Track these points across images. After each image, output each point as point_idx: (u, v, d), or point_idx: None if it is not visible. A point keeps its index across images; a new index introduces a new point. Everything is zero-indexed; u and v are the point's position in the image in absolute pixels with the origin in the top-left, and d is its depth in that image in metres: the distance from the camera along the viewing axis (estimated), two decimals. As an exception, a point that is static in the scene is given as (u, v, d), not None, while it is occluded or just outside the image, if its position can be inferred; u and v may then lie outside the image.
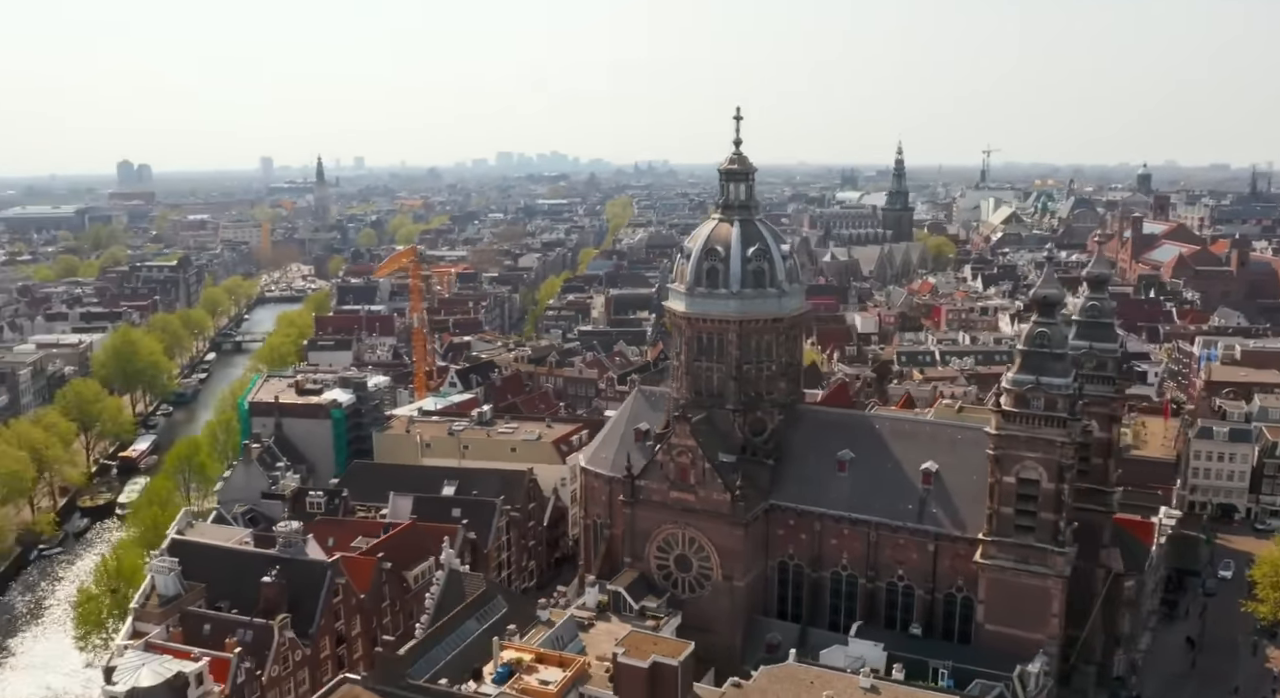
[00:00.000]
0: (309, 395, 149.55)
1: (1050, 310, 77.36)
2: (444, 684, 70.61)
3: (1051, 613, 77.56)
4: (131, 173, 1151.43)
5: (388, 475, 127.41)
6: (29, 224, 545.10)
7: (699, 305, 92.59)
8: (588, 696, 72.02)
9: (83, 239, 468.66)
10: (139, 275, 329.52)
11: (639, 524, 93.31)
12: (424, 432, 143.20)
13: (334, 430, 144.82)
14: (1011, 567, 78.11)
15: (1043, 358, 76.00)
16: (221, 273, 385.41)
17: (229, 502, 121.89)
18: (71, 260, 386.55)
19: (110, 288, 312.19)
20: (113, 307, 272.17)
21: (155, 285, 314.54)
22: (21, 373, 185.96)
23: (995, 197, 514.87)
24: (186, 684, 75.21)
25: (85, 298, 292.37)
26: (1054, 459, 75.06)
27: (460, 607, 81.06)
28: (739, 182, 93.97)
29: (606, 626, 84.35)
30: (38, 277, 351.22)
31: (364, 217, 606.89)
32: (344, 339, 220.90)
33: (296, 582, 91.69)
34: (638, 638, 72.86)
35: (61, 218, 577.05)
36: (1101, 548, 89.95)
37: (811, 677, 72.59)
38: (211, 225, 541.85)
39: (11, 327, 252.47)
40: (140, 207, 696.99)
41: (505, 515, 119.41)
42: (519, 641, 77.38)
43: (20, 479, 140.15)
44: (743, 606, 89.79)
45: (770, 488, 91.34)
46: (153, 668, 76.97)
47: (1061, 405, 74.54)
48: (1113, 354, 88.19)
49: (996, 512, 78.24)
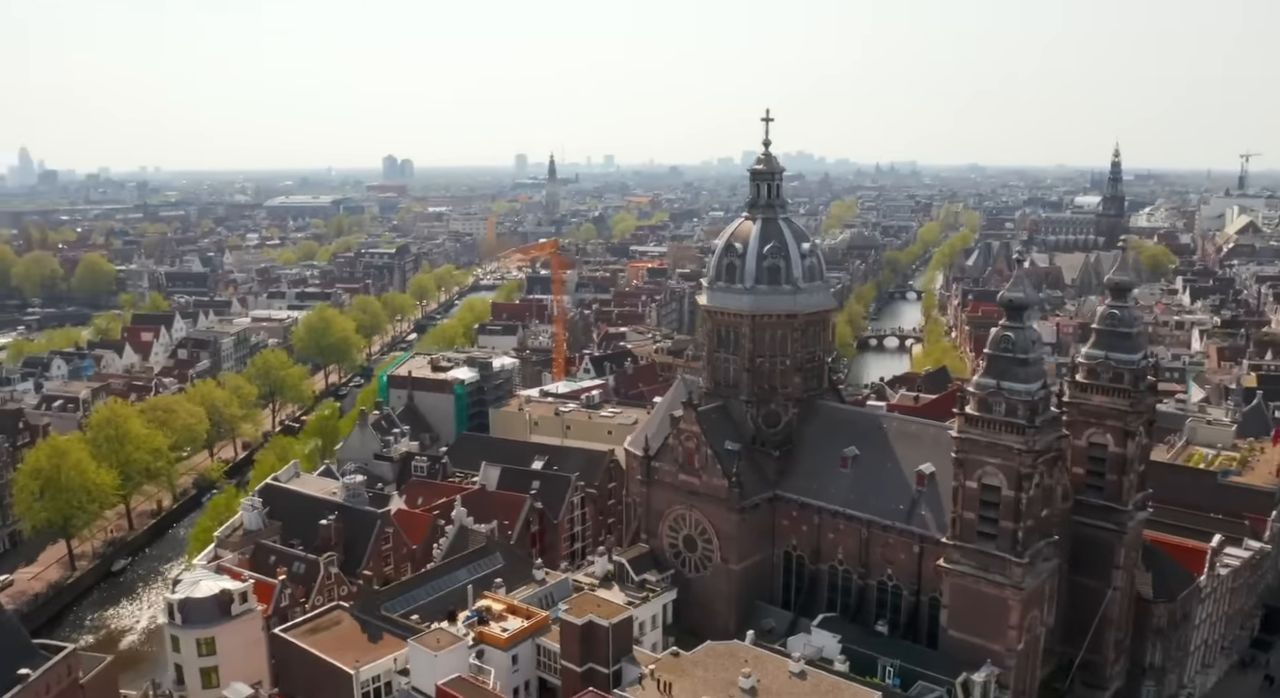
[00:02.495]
0: (440, 372, 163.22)
1: (1018, 314, 75.72)
2: (415, 620, 79.17)
3: (1009, 624, 75.82)
4: (395, 167, 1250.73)
5: (488, 447, 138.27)
6: (289, 212, 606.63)
7: (718, 299, 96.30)
8: (543, 646, 78.50)
9: (328, 227, 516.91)
10: (361, 261, 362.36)
11: (654, 503, 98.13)
12: (534, 411, 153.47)
13: (456, 404, 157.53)
14: (972, 573, 77.12)
15: (1007, 362, 74.66)
16: (440, 261, 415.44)
17: (345, 460, 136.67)
18: (311, 246, 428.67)
19: (334, 271, 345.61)
20: (328, 287, 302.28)
21: (373, 270, 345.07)
22: (224, 342, 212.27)
23: (1241, 204, 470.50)
24: (231, 600, 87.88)
25: (310, 279, 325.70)
26: (1013, 466, 73.71)
27: (454, 557, 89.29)
28: (765, 181, 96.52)
29: (605, 592, 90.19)
30: (280, 259, 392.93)
31: (588, 212, 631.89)
32: (511, 325, 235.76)
33: (351, 527, 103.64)
34: (585, 599, 78.55)
35: (319, 207, 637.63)
36: (1114, 569, 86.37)
37: (750, 656, 75.20)
38: (447, 217, 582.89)
39: (242, 302, 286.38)
40: (391, 198, 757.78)
41: (580, 491, 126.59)
42: (503, 594, 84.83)
43: (194, 432, 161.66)
44: (739, 589, 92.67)
45: (777, 479, 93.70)
46: (207, 584, 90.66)
47: (1022, 412, 73.17)
48: (1130, 366, 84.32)
49: (960, 516, 77.54)
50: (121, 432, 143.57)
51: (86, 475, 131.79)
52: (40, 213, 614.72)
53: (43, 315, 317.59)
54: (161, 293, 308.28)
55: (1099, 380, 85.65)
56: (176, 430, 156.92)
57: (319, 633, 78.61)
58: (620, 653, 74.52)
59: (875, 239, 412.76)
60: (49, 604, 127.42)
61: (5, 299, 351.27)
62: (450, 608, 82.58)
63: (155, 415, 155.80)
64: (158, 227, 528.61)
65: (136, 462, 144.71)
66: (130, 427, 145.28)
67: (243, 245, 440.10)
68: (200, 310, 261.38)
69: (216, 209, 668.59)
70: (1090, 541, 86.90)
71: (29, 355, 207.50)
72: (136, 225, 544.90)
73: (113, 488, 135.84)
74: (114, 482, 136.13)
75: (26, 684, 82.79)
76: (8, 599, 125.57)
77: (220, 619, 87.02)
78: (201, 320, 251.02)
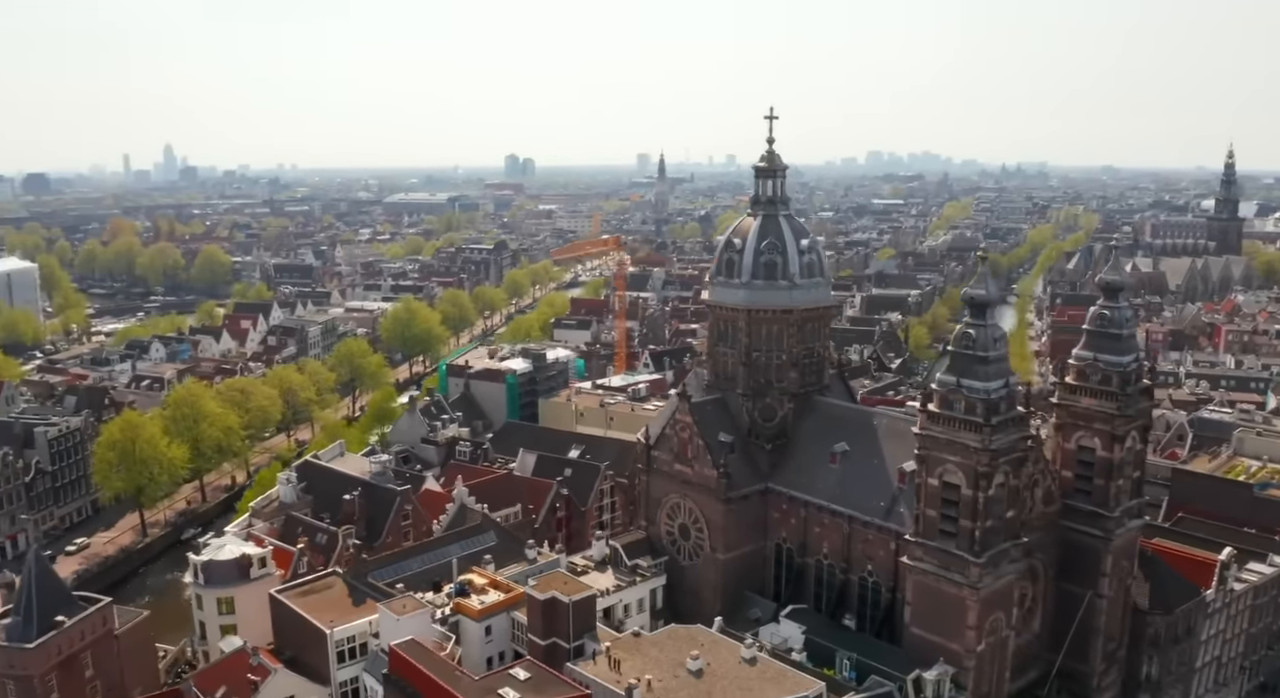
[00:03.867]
0: (495, 363, 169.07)
1: (981, 312, 75.42)
2: (400, 588, 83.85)
3: (967, 624, 75.44)
4: (517, 166, 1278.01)
5: (530, 435, 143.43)
6: (405, 208, 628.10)
7: (717, 294, 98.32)
8: (517, 620, 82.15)
9: (439, 223, 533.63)
10: (461, 256, 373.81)
11: (652, 491, 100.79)
12: (581, 402, 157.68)
13: (507, 394, 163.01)
14: (933, 572, 77.00)
15: (967, 360, 74.40)
16: (540, 257, 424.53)
17: (394, 443, 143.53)
18: (418, 241, 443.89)
19: (434, 265, 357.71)
20: (424, 281, 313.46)
21: (470, 265, 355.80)
22: (311, 330, 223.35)
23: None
24: (250, 564, 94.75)
25: (409, 273, 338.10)
26: (971, 465, 73.64)
27: (449, 532, 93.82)
28: (768, 178, 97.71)
29: (596, 574, 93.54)
30: (388, 253, 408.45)
31: (694, 211, 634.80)
32: (586, 320, 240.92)
33: (374, 503, 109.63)
34: (554, 576, 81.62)
35: (435, 204, 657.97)
36: (1102, 576, 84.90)
37: (709, 640, 77.22)
38: (556, 215, 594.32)
39: (341, 294, 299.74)
40: (507, 196, 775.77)
41: (610, 480, 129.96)
42: (491, 570, 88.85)
43: (268, 413, 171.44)
44: (727, 578, 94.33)
45: (770, 472, 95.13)
46: (230, 548, 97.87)
47: (980, 410, 73.00)
48: (1119, 368, 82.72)
49: (923, 513, 77.76)
50: (196, 410, 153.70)
51: (158, 449, 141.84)
52: (175, 207, 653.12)
53: (162, 303, 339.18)
54: (268, 284, 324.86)
55: (1088, 383, 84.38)
56: (250, 411, 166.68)
57: (311, 595, 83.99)
58: (582, 630, 77.38)
59: (978, 241, 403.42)
60: (118, 567, 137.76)
61: (130, 287, 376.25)
62: (436, 580, 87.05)
63: (231, 396, 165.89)
64: (280, 221, 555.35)
65: (209, 439, 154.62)
66: (204, 406, 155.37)
67: (354, 240, 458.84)
68: (299, 300, 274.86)
69: (339, 205, 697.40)
70: (1078, 546, 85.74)
71: (132, 339, 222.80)
72: (262, 219, 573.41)
73: (183, 462, 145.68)
74: (184, 456, 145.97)
75: (61, 630, 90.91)
76: (82, 561, 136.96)
77: (239, 581, 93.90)
78: (299, 310, 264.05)
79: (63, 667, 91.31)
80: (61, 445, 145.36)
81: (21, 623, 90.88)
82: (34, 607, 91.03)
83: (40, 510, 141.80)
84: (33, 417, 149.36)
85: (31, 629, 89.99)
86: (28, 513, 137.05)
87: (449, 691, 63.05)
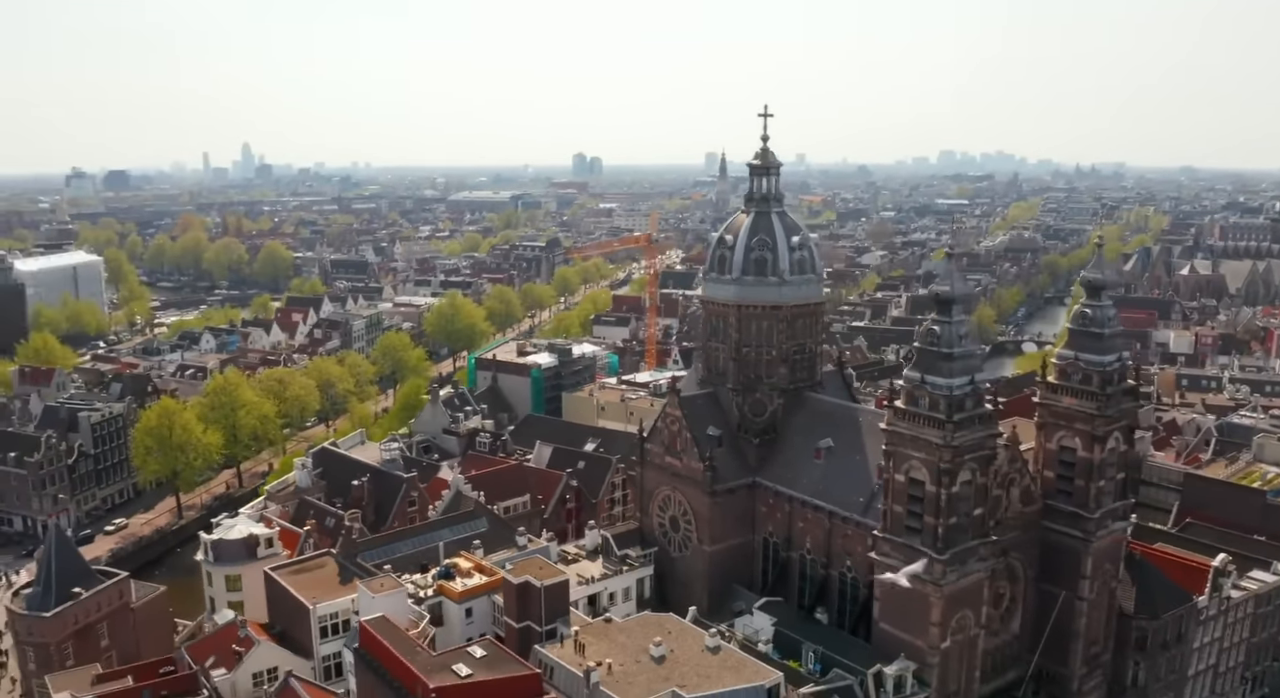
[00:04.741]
0: (523, 357, 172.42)
1: (947, 309, 75.68)
2: (388, 570, 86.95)
3: (931, 621, 75.82)
4: (584, 165, 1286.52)
5: (548, 428, 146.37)
6: (469, 206, 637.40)
7: (709, 289, 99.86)
8: (497, 603, 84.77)
9: (498, 220, 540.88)
10: (514, 253, 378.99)
11: (646, 483, 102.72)
12: (602, 397, 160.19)
13: (532, 387, 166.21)
14: (899, 567, 77.95)
15: (932, 357, 74.73)
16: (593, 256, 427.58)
17: (417, 432, 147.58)
18: (476, 238, 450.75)
19: (487, 262, 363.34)
20: (475, 277, 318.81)
21: (522, 262, 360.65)
22: (355, 324, 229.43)
23: None
24: (257, 544, 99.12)
25: (461, 269, 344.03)
26: (934, 461, 74.07)
27: (439, 518, 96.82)
28: (762, 176, 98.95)
29: (587, 563, 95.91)
30: (446, 250, 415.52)
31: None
32: (625, 317, 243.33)
33: (382, 489, 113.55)
34: (531, 562, 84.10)
35: (498, 202, 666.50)
36: (1082, 578, 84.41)
37: (676, 627, 79.01)
38: (615, 213, 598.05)
39: (394, 289, 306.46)
40: (570, 194, 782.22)
41: (622, 473, 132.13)
42: (480, 555, 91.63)
43: (304, 403, 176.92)
44: (713, 570, 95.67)
45: (758, 466, 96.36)
46: (240, 529, 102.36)
47: (942, 406, 73.44)
48: (1099, 368, 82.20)
49: (890, 509, 78.37)
50: (233, 398, 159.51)
51: (194, 435, 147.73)
52: (247, 203, 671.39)
53: (225, 296, 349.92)
54: (324, 279, 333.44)
55: (1069, 382, 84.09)
56: (287, 401, 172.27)
57: (303, 574, 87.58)
58: (555, 614, 79.84)
59: (1036, 242, 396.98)
60: (153, 547, 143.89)
61: (197, 281, 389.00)
62: (424, 562, 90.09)
63: (269, 386, 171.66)
64: (346, 218, 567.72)
65: (245, 426, 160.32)
66: (241, 394, 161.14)
67: (414, 236, 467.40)
68: (350, 295, 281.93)
69: (405, 203, 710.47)
70: (1058, 547, 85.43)
71: (184, 330, 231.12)
72: (329, 216, 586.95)
73: (217, 448, 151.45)
74: (219, 442, 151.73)
75: (78, 601, 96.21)
76: (118, 540, 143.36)
77: (246, 560, 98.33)
78: (350, 304, 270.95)
79: (79, 636, 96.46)
80: (104, 430, 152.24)
81: (40, 594, 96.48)
82: (52, 579, 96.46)
83: (82, 492, 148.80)
84: (78, 402, 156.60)
85: (50, 600, 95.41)
86: (68, 494, 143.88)
87: (406, 664, 65.70)
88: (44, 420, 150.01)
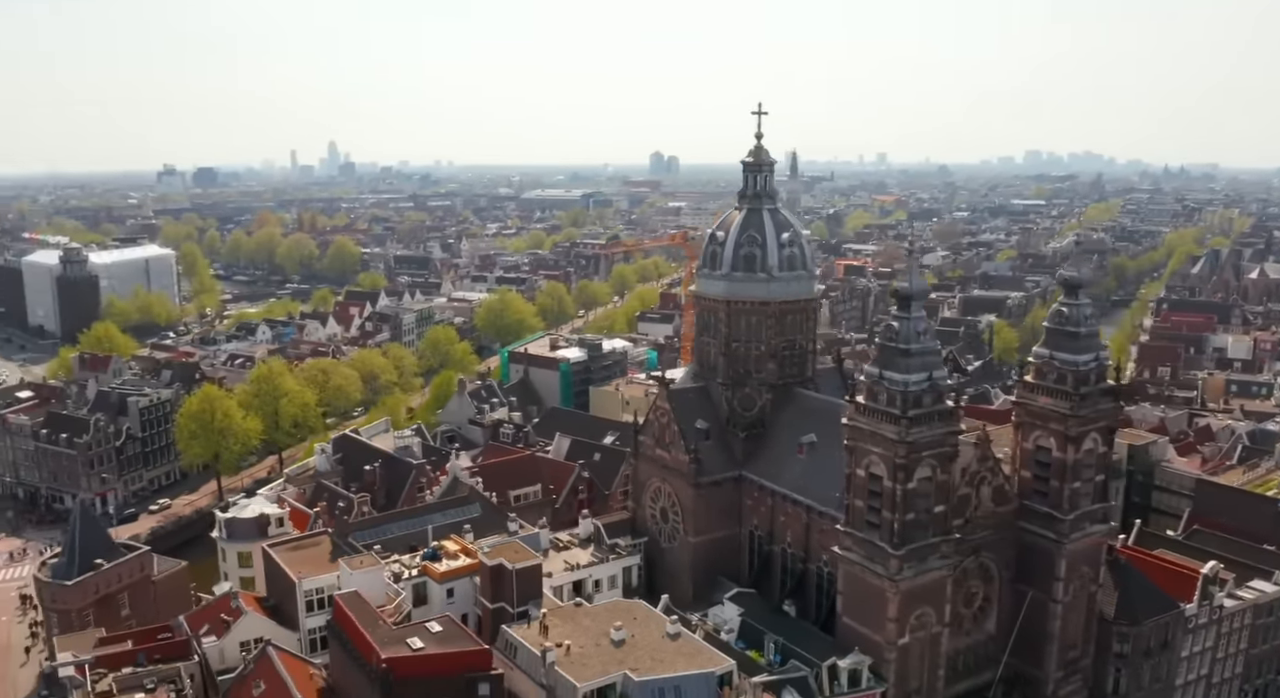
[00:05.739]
0: (554, 351, 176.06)
1: (906, 305, 76.28)
2: (377, 550, 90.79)
3: (887, 617, 76.48)
4: (661, 163, 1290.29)
5: (570, 421, 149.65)
6: (540, 204, 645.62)
7: (701, 285, 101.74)
8: (478, 584, 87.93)
9: (566, 218, 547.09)
10: (574, 250, 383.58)
11: (639, 474, 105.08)
12: (628, 392, 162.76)
13: (561, 381, 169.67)
14: (859, 562, 78.47)
15: (891, 353, 75.41)
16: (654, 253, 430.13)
17: (444, 423, 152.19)
18: (540, 235, 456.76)
19: (547, 258, 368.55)
20: (533, 273, 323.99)
21: (581, 259, 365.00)
22: (405, 318, 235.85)
23: None
24: (268, 523, 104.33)
25: (521, 265, 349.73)
26: (890, 456, 74.94)
27: (433, 502, 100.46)
28: (755, 173, 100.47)
29: (577, 551, 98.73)
30: (511, 247, 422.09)
31: (822, 210, 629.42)
32: (670, 314, 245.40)
33: (393, 475, 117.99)
34: (508, 546, 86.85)
35: (569, 200, 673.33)
36: (1055, 581, 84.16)
37: (643, 614, 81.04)
38: (683, 212, 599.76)
39: (452, 285, 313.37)
40: (642, 193, 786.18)
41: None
42: (470, 539, 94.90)
43: (346, 392, 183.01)
44: (697, 561, 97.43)
45: (744, 461, 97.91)
46: (253, 508, 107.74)
47: (898, 402, 74.20)
48: (1072, 367, 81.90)
49: (852, 503, 79.43)
50: (275, 387, 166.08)
51: (233, 420, 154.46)
52: (326, 200, 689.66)
53: (294, 290, 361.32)
54: (383, 274, 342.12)
55: (1044, 381, 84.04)
56: (328, 390, 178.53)
57: (298, 551, 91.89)
58: (527, 596, 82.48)
59: (1104, 243, 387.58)
60: (193, 526, 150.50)
61: (270, 275, 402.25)
62: (414, 544, 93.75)
63: (311, 376, 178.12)
64: (419, 215, 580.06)
65: (287, 414, 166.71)
66: (283, 383, 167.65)
67: (481, 233, 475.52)
68: (408, 290, 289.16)
69: (479, 201, 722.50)
70: (1034, 548, 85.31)
71: (242, 321, 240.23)
72: (404, 213, 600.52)
73: (256, 433, 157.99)
74: (258, 428, 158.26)
75: (99, 571, 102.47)
76: (160, 519, 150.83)
77: (257, 538, 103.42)
78: (406, 299, 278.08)
79: (100, 604, 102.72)
80: (151, 415, 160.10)
81: (65, 564, 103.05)
82: (76, 551, 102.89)
83: (130, 473, 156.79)
84: (129, 388, 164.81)
85: (73, 569, 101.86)
86: (115, 474, 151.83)
87: (365, 636, 69.34)
88: (96, 405, 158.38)
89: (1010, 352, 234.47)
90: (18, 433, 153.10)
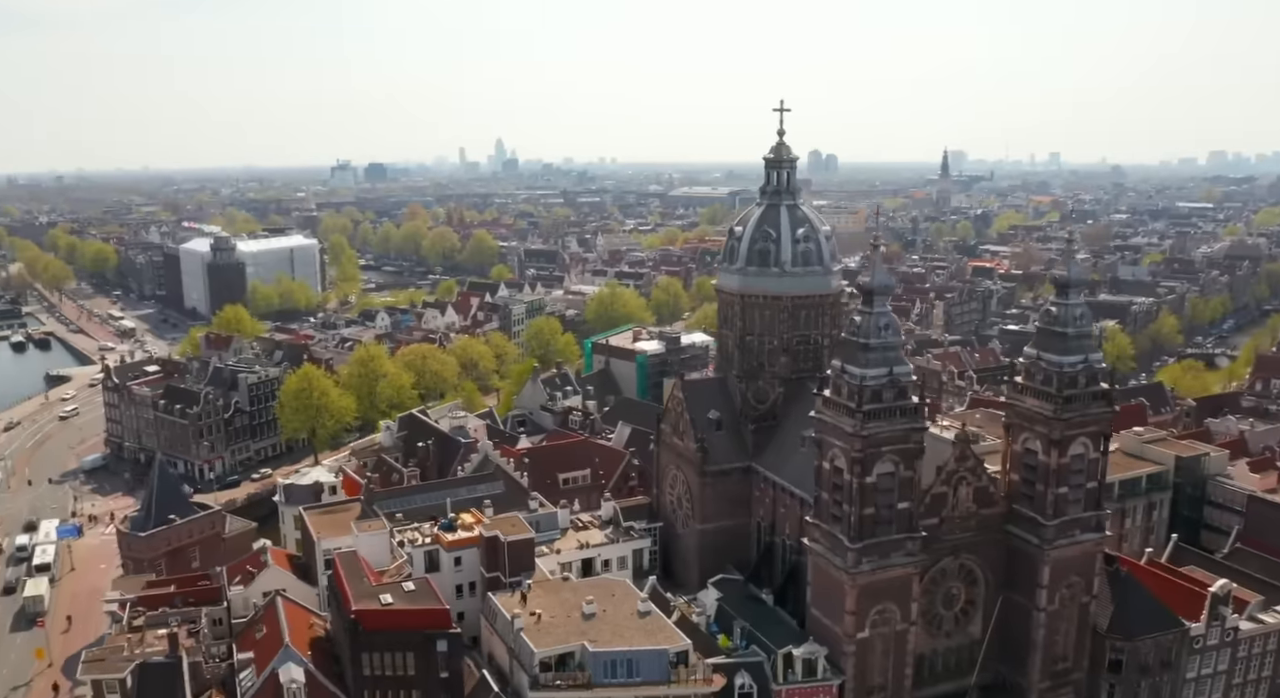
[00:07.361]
0: (635, 343, 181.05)
1: (870, 300, 76.93)
2: (400, 518, 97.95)
3: (845, 610, 77.51)
4: (819, 161, 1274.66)
5: (636, 410, 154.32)
6: (683, 202, 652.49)
7: (720, 279, 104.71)
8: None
9: (704, 215, 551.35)
10: (701, 247, 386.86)
11: (661, 461, 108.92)
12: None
13: (638, 372, 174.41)
14: (823, 554, 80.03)
15: (853, 347, 76.51)
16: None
17: (518, 408, 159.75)
18: (674, 232, 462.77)
19: (674, 254, 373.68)
20: (654, 269, 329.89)
21: (707, 256, 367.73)
22: (514, 308, 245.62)
23: None
24: (322, 490, 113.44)
25: (646, 261, 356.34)
26: (847, 449, 76.20)
27: (458, 478, 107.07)
28: (777, 169, 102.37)
29: (594, 531, 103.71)
30: (645, 243, 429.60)
31: (970, 210, 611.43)
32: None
33: (445, 452, 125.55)
34: (506, 520, 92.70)
35: (714, 198, 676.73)
36: (1038, 587, 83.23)
37: (623, 593, 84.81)
38: (823, 210, 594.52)
39: (575, 278, 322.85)
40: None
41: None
42: (489, 513, 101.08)
43: (442, 377, 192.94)
44: (704, 548, 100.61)
45: (755, 452, 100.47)
46: (312, 476, 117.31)
47: (855, 396, 75.17)
48: (1058, 369, 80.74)
49: (820, 496, 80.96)
50: (372, 369, 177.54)
51: (330, 398, 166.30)
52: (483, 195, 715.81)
53: (435, 281, 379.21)
54: (508, 266, 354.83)
55: (1032, 382, 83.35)
56: (426, 375, 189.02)
57: (329, 515, 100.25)
58: (520, 568, 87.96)
59: (1258, 249, 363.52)
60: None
61: (416, 266, 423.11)
62: (434, 514, 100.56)
63: (410, 360, 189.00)
64: (564, 211, 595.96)
65: (383, 395, 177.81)
66: (380, 366, 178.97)
67: (619, 229, 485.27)
68: (529, 282, 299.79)
69: (628, 197, 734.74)
70: (1019, 553, 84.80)
71: (365, 308, 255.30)
72: (552, 209, 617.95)
73: (350, 411, 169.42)
74: (352, 407, 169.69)
75: (172, 526, 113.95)
76: (259, 487, 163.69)
77: (311, 502, 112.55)
78: (525, 291, 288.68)
79: (172, 556, 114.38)
80: (259, 391, 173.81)
81: (142, 518, 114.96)
82: (153, 507, 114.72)
83: (237, 443, 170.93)
84: (241, 366, 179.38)
85: (149, 523, 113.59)
86: (223, 444, 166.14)
87: (345, 589, 76.36)
88: (210, 379, 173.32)
89: (1124, 360, 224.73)
90: (140, 403, 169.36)
